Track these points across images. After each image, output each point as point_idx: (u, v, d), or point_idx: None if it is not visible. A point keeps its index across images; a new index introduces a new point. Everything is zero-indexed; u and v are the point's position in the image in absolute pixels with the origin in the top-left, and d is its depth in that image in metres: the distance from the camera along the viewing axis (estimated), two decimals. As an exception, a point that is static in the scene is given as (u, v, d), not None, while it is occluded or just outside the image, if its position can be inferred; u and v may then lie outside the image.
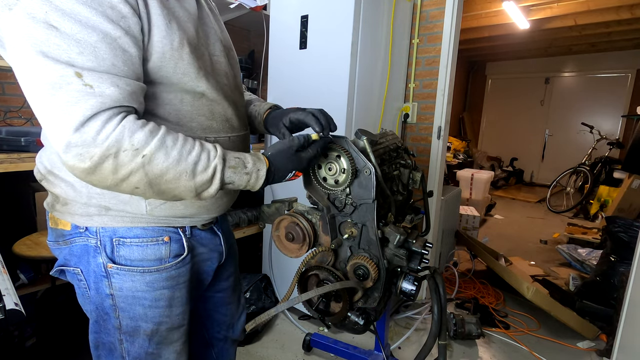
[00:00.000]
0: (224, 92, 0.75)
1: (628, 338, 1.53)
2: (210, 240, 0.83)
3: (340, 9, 1.74)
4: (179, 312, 0.76)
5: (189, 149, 0.58)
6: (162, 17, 0.58)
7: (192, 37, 0.65)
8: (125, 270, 0.69)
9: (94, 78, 0.51)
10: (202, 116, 0.70)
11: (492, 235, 3.92)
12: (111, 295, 0.70)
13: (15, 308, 0.77)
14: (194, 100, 0.68)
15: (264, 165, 0.67)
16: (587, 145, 5.62)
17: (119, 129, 0.52)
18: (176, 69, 0.62)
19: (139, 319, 0.72)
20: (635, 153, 3.55)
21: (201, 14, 0.72)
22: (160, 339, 0.75)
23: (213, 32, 0.74)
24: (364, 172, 0.80)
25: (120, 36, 0.53)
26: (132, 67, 0.56)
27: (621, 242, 2.30)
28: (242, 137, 0.82)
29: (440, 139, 2.28)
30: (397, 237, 0.82)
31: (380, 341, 1.58)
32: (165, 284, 0.72)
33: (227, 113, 0.76)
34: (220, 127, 0.74)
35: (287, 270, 2.17)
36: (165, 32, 0.59)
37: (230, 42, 0.83)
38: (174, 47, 0.61)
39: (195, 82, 0.66)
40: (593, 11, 4.17)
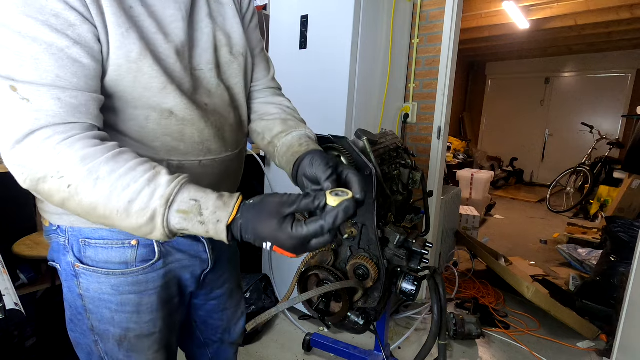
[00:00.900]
0: (202, 111, 0.66)
1: (628, 338, 1.53)
2: (191, 247, 0.77)
3: (340, 9, 1.74)
4: (149, 320, 0.72)
5: (128, 182, 0.49)
6: (117, 25, 0.52)
7: (159, 48, 0.58)
8: (91, 271, 0.67)
9: (32, 91, 0.47)
10: (167, 136, 0.63)
11: (492, 235, 3.92)
12: (81, 295, 0.69)
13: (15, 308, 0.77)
14: (161, 118, 0.61)
15: (226, 216, 0.50)
16: (587, 145, 5.62)
17: (51, 152, 0.48)
18: (135, 82, 0.56)
19: (107, 323, 0.70)
20: (635, 153, 3.55)
21: (194, 19, 0.65)
22: (130, 346, 0.72)
23: (204, 41, 0.66)
24: (364, 172, 0.80)
25: (69, 46, 0.49)
26: (84, 79, 0.51)
27: (621, 242, 2.30)
28: (222, 161, 0.73)
29: (440, 139, 2.28)
30: (397, 237, 0.82)
31: (380, 341, 1.58)
32: (131, 288, 0.68)
33: (203, 135, 0.67)
34: (190, 150, 0.66)
35: (287, 270, 2.17)
36: (120, 43, 0.53)
37: (243, 48, 0.73)
38: (131, 59, 0.54)
39: (160, 98, 0.59)
40: (593, 11, 4.17)
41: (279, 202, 0.49)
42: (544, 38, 5.33)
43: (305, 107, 1.00)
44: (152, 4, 0.58)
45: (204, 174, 0.69)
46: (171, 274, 0.74)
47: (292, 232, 0.48)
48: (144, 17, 0.57)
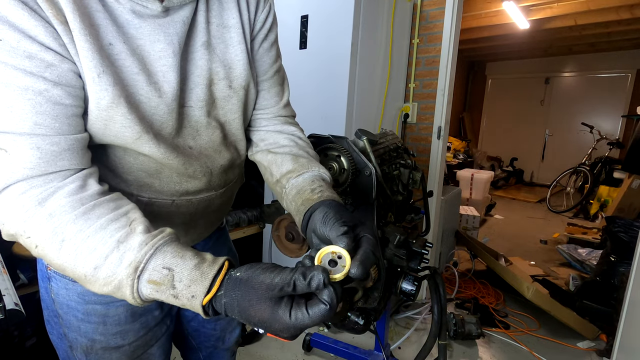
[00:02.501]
0: (185, 155, 0.60)
1: (628, 338, 1.53)
2: None
3: (340, 9, 1.74)
4: (116, 332, 0.67)
5: (95, 245, 0.43)
6: (88, 69, 0.46)
7: (140, 90, 0.52)
8: (60, 276, 0.64)
9: (9, 141, 0.43)
10: (142, 172, 0.58)
11: (492, 235, 3.92)
12: (53, 299, 0.67)
13: (15, 308, 0.77)
14: (138, 155, 0.56)
15: (202, 292, 0.42)
16: (587, 145, 5.62)
17: (20, 209, 0.44)
18: (106, 130, 0.51)
19: (74, 331, 0.67)
20: (635, 153, 3.55)
21: (188, 50, 0.57)
22: (97, 357, 0.68)
23: (197, 75, 0.58)
24: (364, 172, 0.80)
25: (47, 88, 0.44)
26: (67, 120, 0.46)
27: (621, 242, 2.30)
28: (201, 200, 0.67)
29: (440, 139, 2.28)
30: (397, 237, 0.82)
31: (380, 341, 1.58)
32: (96, 298, 0.64)
33: (182, 177, 0.62)
34: (165, 188, 0.61)
35: (287, 270, 2.17)
36: (90, 88, 0.47)
37: (246, 79, 0.64)
38: (101, 106, 0.49)
39: (134, 147, 0.54)
40: (593, 11, 4.17)
41: (270, 284, 0.40)
42: (544, 38, 5.33)
43: (305, 107, 1.01)
44: (138, 37, 0.51)
45: (176, 213, 0.65)
46: None
47: (290, 322, 0.39)
48: (125, 56, 0.50)
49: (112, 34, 0.49)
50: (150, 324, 0.73)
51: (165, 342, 0.79)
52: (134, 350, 0.71)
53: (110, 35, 0.49)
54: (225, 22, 0.61)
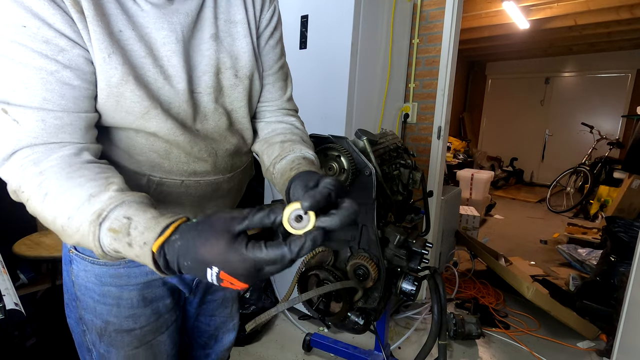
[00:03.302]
0: (192, 135, 0.65)
1: (628, 338, 1.53)
2: None
3: (340, 9, 1.74)
4: (128, 315, 0.72)
5: (71, 198, 0.47)
6: (99, 50, 0.52)
7: (147, 72, 0.57)
8: (80, 257, 0.70)
9: (20, 113, 0.50)
10: (153, 152, 0.63)
11: (492, 235, 3.92)
12: (73, 282, 0.72)
13: (15, 308, 0.77)
14: (149, 135, 0.61)
15: (153, 237, 0.42)
16: (587, 145, 5.62)
17: (19, 169, 0.50)
18: (117, 106, 0.56)
19: (90, 312, 0.72)
20: (635, 153, 3.55)
21: (196, 42, 0.63)
22: (110, 340, 0.73)
23: (205, 64, 0.63)
24: (364, 172, 0.80)
25: (58, 70, 0.50)
26: (73, 100, 0.52)
27: (621, 242, 2.30)
28: (209, 183, 0.71)
29: (440, 139, 2.28)
30: (397, 237, 0.82)
31: (380, 341, 1.58)
32: (112, 280, 0.70)
33: (190, 157, 0.66)
34: (174, 169, 0.66)
35: (287, 270, 2.16)
36: (101, 68, 0.53)
37: (250, 69, 0.69)
38: (112, 83, 0.55)
39: (142, 122, 0.59)
40: (593, 11, 4.17)
41: (229, 217, 0.41)
42: (544, 38, 5.33)
43: (306, 107, 1.01)
44: (145, 26, 0.57)
45: (185, 194, 0.69)
46: (155, 275, 0.72)
47: (246, 253, 0.38)
48: (133, 41, 0.56)
49: (122, 22, 0.55)
50: (162, 310, 0.77)
51: (173, 332, 0.82)
52: (145, 335, 0.75)
53: (121, 23, 0.55)
54: (232, 18, 0.66)
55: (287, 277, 2.17)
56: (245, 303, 1.97)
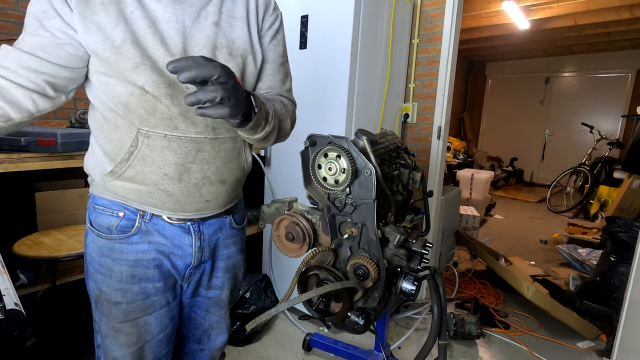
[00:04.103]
0: (177, 92, 0.74)
1: (628, 338, 1.53)
2: (176, 235, 0.83)
3: (340, 9, 1.74)
4: (117, 288, 0.81)
5: None
6: (109, 22, 0.68)
7: (148, 38, 0.70)
8: (90, 230, 0.83)
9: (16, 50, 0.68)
10: (142, 109, 0.73)
11: (492, 235, 3.92)
12: (85, 253, 0.85)
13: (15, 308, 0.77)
14: (140, 94, 0.72)
15: None
16: (587, 145, 5.62)
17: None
18: (118, 60, 0.69)
19: (92, 280, 0.83)
20: (635, 153, 3.55)
21: (199, 24, 0.76)
22: (102, 309, 0.83)
23: (205, 40, 0.76)
24: (364, 172, 0.80)
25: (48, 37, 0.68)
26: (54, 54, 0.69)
27: (621, 242, 2.30)
28: (191, 140, 0.77)
29: (440, 139, 2.28)
30: (397, 237, 0.82)
31: (380, 341, 1.58)
32: (108, 252, 0.80)
33: (171, 112, 0.74)
34: (159, 124, 0.74)
35: (287, 270, 2.17)
36: (110, 33, 0.68)
37: (242, 52, 0.81)
38: (115, 44, 0.68)
39: (134, 76, 0.70)
40: (593, 11, 4.17)
41: None
42: (544, 38, 5.33)
43: (306, 107, 1.01)
44: (154, 9, 0.71)
45: (168, 148, 0.76)
46: (147, 255, 0.82)
47: None
48: (139, 18, 0.70)
49: (134, 5, 0.70)
50: (150, 291, 0.83)
51: (164, 316, 0.87)
52: (130, 311, 0.82)
53: (133, 7, 0.70)
54: (234, 14, 0.81)
55: (287, 277, 2.17)
56: (245, 303, 1.97)
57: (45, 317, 1.76)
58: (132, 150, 0.74)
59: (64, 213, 1.75)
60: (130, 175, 0.76)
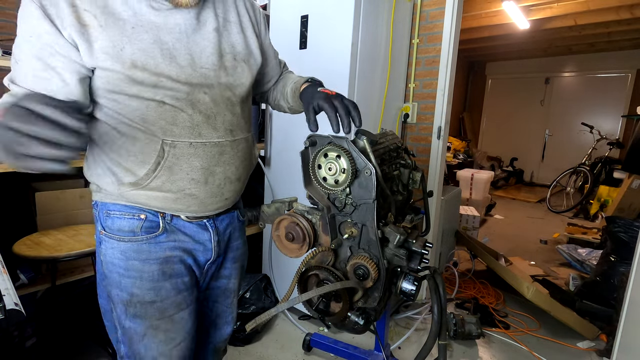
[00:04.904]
0: (197, 101, 0.77)
1: (628, 338, 1.53)
2: (196, 232, 0.86)
3: (340, 9, 1.74)
4: (150, 287, 0.81)
5: None
6: (114, 46, 0.68)
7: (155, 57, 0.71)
8: (108, 237, 0.80)
9: None
10: (162, 120, 0.75)
11: (492, 235, 3.92)
12: (102, 261, 0.82)
13: (15, 308, 0.77)
14: (157, 106, 0.74)
15: None
16: (587, 145, 5.62)
17: None
18: (131, 81, 0.70)
19: (115, 287, 0.81)
20: (635, 153, 3.55)
21: (201, 32, 0.78)
22: (135, 310, 0.81)
23: (210, 47, 0.79)
24: (364, 172, 0.80)
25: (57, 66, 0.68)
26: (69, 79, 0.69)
27: (621, 242, 2.30)
28: (214, 145, 0.80)
29: (440, 139, 2.28)
30: (397, 237, 0.82)
31: (380, 341, 1.58)
32: (135, 255, 0.80)
33: (194, 121, 0.77)
34: (183, 133, 0.76)
35: (287, 270, 2.17)
36: (118, 56, 0.68)
37: (246, 56, 0.87)
38: (126, 67, 0.69)
39: (152, 93, 0.72)
40: (593, 11, 4.17)
41: None
42: (544, 38, 5.33)
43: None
44: (154, 22, 0.72)
45: (195, 155, 0.79)
46: (173, 252, 0.83)
47: None
48: (143, 33, 0.71)
49: (134, 22, 0.70)
50: (181, 287, 0.85)
51: (193, 312, 0.89)
52: (166, 308, 0.83)
53: (133, 23, 0.70)
54: (227, 17, 0.85)
55: (287, 277, 2.17)
56: (245, 303, 1.97)
57: (45, 317, 1.76)
58: (158, 160, 0.75)
59: (64, 213, 1.75)
60: (156, 184, 0.77)
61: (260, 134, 2.26)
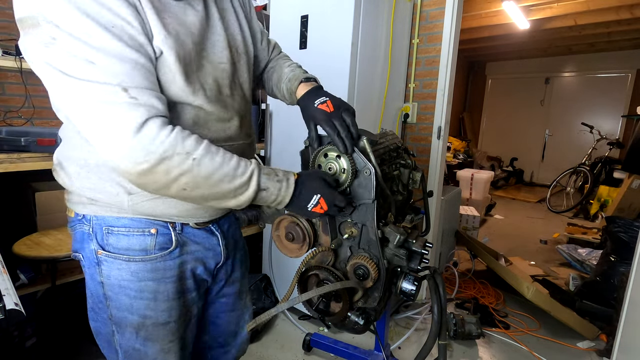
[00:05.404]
0: (223, 102, 0.77)
1: (628, 338, 1.53)
2: (205, 239, 0.83)
3: (340, 9, 1.74)
4: (165, 308, 0.76)
5: (230, 155, 0.66)
6: (158, 34, 0.64)
7: (188, 53, 0.68)
8: (112, 257, 0.73)
9: (137, 92, 0.58)
10: (195, 125, 0.72)
11: (492, 235, 3.92)
12: (102, 283, 0.74)
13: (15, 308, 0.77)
14: (192, 110, 0.71)
15: (292, 175, 0.72)
16: (587, 145, 5.62)
17: (173, 134, 0.59)
18: (173, 84, 0.67)
19: (125, 310, 0.75)
20: (635, 153, 3.55)
21: (209, 23, 0.75)
22: (147, 334, 0.76)
23: (221, 41, 0.76)
24: (364, 172, 0.80)
25: (146, 62, 0.61)
26: (156, 87, 0.63)
27: (621, 242, 2.30)
28: (238, 147, 0.81)
29: (440, 139, 2.28)
30: (397, 237, 0.82)
31: (380, 341, 1.58)
32: (149, 275, 0.74)
33: (223, 123, 0.77)
34: (214, 137, 0.75)
35: (287, 270, 2.17)
36: (167, 57, 0.65)
37: (245, 47, 0.84)
38: (171, 69, 0.65)
39: (192, 97, 0.69)
40: (593, 11, 4.17)
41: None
42: (544, 38, 5.33)
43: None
44: (177, 13, 0.68)
45: None
46: (186, 265, 0.80)
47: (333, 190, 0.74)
48: (176, 24, 0.67)
49: (164, 11, 0.65)
50: (189, 303, 0.82)
51: (194, 324, 0.87)
52: (178, 329, 0.80)
53: (164, 12, 0.65)
54: (224, 6, 0.81)
55: (287, 277, 2.17)
56: (245, 303, 1.97)
57: (45, 317, 1.76)
58: None
59: (64, 213, 1.74)
60: None
61: (260, 134, 2.26)
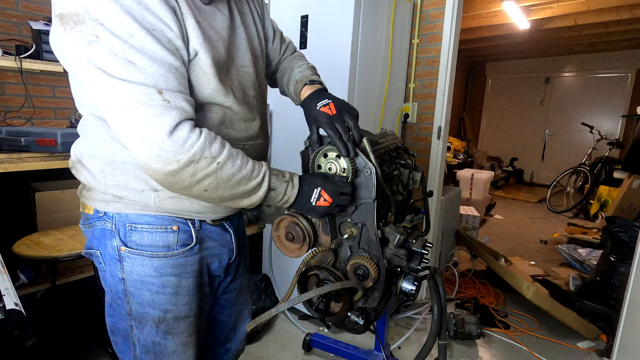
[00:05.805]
0: (249, 104, 0.81)
1: (628, 338, 1.53)
2: (221, 236, 0.86)
3: (340, 9, 1.74)
4: (185, 302, 0.80)
5: (246, 158, 0.70)
6: (196, 37, 0.66)
7: (221, 56, 0.72)
8: (135, 254, 0.75)
9: (170, 95, 0.60)
10: (222, 124, 0.76)
11: (492, 235, 3.92)
12: (123, 279, 0.76)
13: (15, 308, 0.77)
14: (220, 110, 0.75)
15: (296, 176, 0.77)
16: (587, 145, 5.62)
17: (202, 139, 0.62)
18: (208, 85, 0.70)
19: (146, 305, 0.77)
20: (635, 153, 3.55)
21: (233, 27, 0.78)
22: (167, 328, 0.79)
23: (244, 44, 0.80)
24: (364, 172, 0.80)
25: (180, 66, 0.63)
26: (187, 90, 0.65)
27: (621, 242, 2.30)
28: (258, 146, 0.86)
29: (440, 139, 2.28)
30: (397, 237, 0.82)
31: (380, 341, 1.58)
32: (171, 270, 0.77)
33: (247, 123, 0.81)
34: (238, 136, 0.79)
35: (287, 270, 2.17)
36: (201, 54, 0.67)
37: (261, 50, 0.88)
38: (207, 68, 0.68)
39: (223, 98, 0.73)
40: (593, 11, 4.17)
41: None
42: (544, 38, 5.33)
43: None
44: (208, 16, 0.71)
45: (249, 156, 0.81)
46: (204, 261, 0.83)
47: (335, 183, 0.78)
48: (209, 29, 0.70)
49: (197, 14, 0.68)
50: (204, 297, 0.85)
51: (204, 321, 0.89)
52: (196, 323, 0.83)
53: (197, 16, 0.68)
54: (243, 10, 0.84)
55: (287, 277, 2.17)
56: (245, 303, 1.97)
57: (45, 317, 1.76)
58: None
59: (64, 213, 1.75)
60: None
61: (260, 134, 2.26)
